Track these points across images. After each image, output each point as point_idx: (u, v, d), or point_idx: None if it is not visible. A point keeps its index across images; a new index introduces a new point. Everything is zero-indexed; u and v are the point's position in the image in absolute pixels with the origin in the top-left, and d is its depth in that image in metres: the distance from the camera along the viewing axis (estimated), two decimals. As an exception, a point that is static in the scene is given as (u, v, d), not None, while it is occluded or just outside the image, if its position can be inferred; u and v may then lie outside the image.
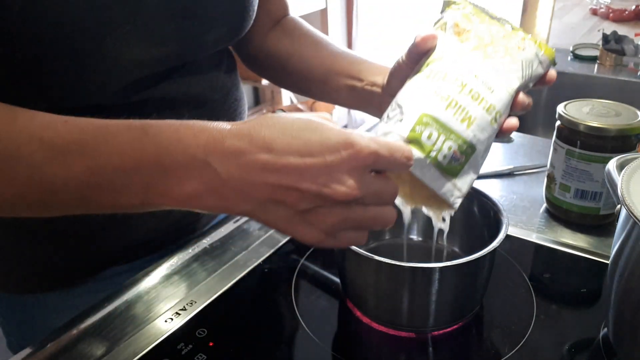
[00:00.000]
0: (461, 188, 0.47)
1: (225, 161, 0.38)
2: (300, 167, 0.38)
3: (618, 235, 0.47)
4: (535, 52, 0.52)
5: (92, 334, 0.53)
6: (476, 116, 0.47)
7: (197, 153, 0.38)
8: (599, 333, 0.52)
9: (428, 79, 0.49)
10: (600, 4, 1.74)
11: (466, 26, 0.52)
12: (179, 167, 0.39)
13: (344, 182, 0.39)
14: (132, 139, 0.40)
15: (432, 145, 0.45)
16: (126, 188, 0.40)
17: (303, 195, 0.39)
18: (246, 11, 0.61)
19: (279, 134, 0.38)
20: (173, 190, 0.39)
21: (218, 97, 0.64)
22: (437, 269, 0.49)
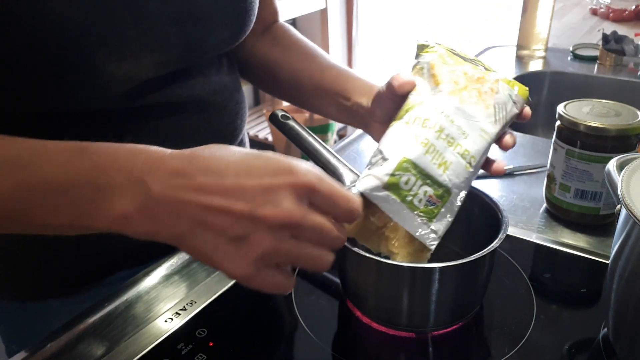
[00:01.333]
0: (437, 231, 0.49)
1: (161, 181, 0.37)
2: (236, 188, 0.37)
3: (618, 235, 0.47)
4: (509, 93, 0.54)
5: (92, 334, 0.53)
6: (452, 161, 0.50)
7: (133, 171, 0.38)
8: (599, 333, 0.52)
9: (408, 125, 0.51)
10: (600, 4, 1.74)
11: (441, 70, 0.54)
12: (112, 185, 0.38)
13: (279, 204, 0.37)
14: (67, 157, 0.39)
15: (409, 190, 0.48)
16: (55, 207, 0.39)
17: (235, 218, 0.37)
18: (247, 14, 0.61)
19: (218, 158, 0.38)
20: (103, 210, 0.38)
21: (221, 99, 0.64)
22: (437, 269, 0.49)
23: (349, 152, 0.91)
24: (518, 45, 1.33)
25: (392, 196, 0.48)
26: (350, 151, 0.91)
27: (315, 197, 0.39)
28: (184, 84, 0.59)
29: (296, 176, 0.38)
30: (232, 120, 0.67)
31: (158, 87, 0.56)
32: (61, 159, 0.39)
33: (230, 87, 0.67)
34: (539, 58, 1.31)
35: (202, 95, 0.62)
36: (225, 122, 0.66)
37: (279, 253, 0.38)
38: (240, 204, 0.37)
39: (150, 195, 0.37)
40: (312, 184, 0.38)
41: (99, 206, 0.38)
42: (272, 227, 0.37)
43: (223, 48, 0.62)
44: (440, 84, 0.53)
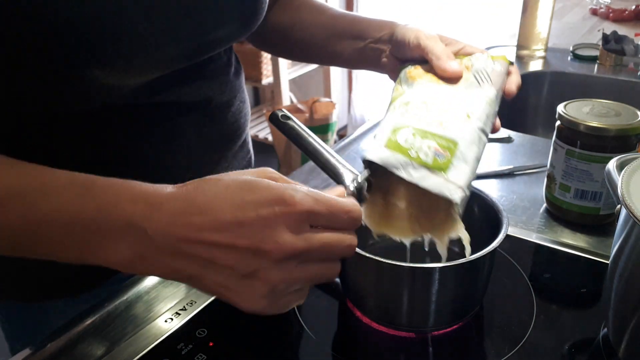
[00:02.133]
0: (456, 181, 0.47)
1: (161, 227, 0.38)
2: (235, 223, 0.38)
3: (618, 235, 0.47)
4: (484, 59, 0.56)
5: (92, 334, 0.53)
6: (447, 118, 0.50)
7: (134, 219, 0.38)
8: (599, 333, 0.52)
9: (394, 111, 0.52)
10: (600, 4, 1.74)
11: (417, 72, 0.57)
12: (114, 230, 0.39)
13: (281, 237, 0.38)
14: (72, 196, 0.40)
15: (411, 146, 0.47)
16: (61, 243, 0.40)
17: (242, 255, 0.38)
18: (258, 4, 0.60)
19: (213, 198, 0.39)
20: (107, 254, 0.39)
21: (226, 98, 0.65)
22: (437, 269, 0.49)
23: (349, 152, 0.91)
24: (518, 45, 1.33)
25: (397, 154, 0.47)
26: (350, 151, 0.91)
27: (316, 220, 0.40)
28: (192, 82, 0.60)
29: (291, 205, 0.38)
30: (236, 119, 0.68)
31: (167, 86, 0.57)
32: (67, 196, 0.40)
33: (236, 87, 0.68)
34: (539, 58, 1.31)
35: (209, 94, 0.62)
36: (230, 121, 0.66)
37: (289, 283, 0.40)
38: (242, 239, 0.38)
39: (152, 243, 0.38)
40: (309, 210, 0.39)
41: (102, 249, 0.39)
42: (278, 260, 0.38)
43: (234, 39, 0.62)
44: (416, 79, 0.56)
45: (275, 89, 2.59)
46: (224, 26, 0.57)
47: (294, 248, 0.38)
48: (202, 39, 0.56)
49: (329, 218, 0.40)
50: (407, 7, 2.75)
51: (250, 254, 0.38)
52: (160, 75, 0.54)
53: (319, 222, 0.40)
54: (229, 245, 0.38)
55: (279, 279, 0.39)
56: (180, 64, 0.56)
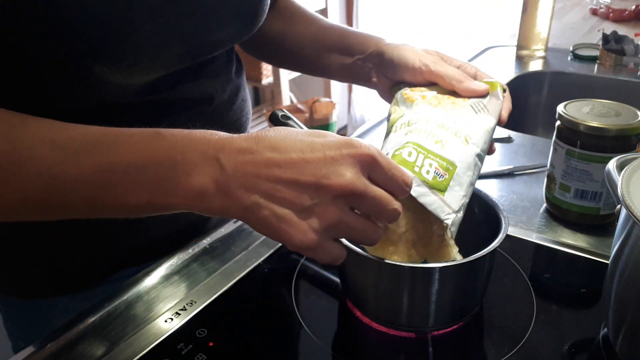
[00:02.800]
0: (451, 204, 0.48)
1: (233, 157, 0.40)
2: (301, 162, 0.40)
3: (618, 235, 0.47)
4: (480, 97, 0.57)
5: (92, 334, 0.53)
6: (447, 139, 0.51)
7: (208, 150, 0.40)
8: (599, 333, 0.52)
9: (396, 132, 0.53)
10: (600, 4, 1.74)
11: (413, 94, 0.58)
12: (189, 162, 0.40)
13: (343, 174, 0.40)
14: (145, 138, 0.41)
15: (414, 161, 0.48)
16: (135, 185, 0.41)
17: (302, 189, 0.39)
18: (260, 5, 0.61)
19: (283, 137, 0.41)
20: (181, 186, 0.40)
21: (228, 96, 0.66)
22: (436, 269, 0.49)
23: (349, 152, 0.91)
24: (518, 45, 1.33)
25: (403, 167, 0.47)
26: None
27: (376, 170, 0.41)
28: (195, 80, 0.60)
29: (358, 148, 0.40)
30: (238, 117, 0.68)
31: (171, 84, 0.57)
32: (139, 140, 0.41)
33: (237, 85, 0.68)
34: (539, 58, 1.31)
35: (212, 92, 0.63)
36: (232, 119, 0.67)
37: (341, 225, 0.41)
38: (306, 175, 0.39)
39: (224, 171, 0.40)
40: (373, 156, 0.41)
41: (178, 182, 0.40)
42: (337, 196, 0.40)
43: (236, 40, 0.63)
44: (415, 100, 0.56)
45: (275, 89, 2.59)
46: (226, 27, 0.58)
47: (353, 186, 0.40)
48: (206, 40, 0.56)
49: (387, 174, 0.42)
50: (407, 7, 2.75)
51: (312, 189, 0.39)
52: (165, 73, 0.55)
53: (377, 175, 0.42)
54: (292, 181, 0.39)
55: (334, 217, 0.40)
56: (184, 63, 0.56)
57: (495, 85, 0.58)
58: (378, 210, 0.42)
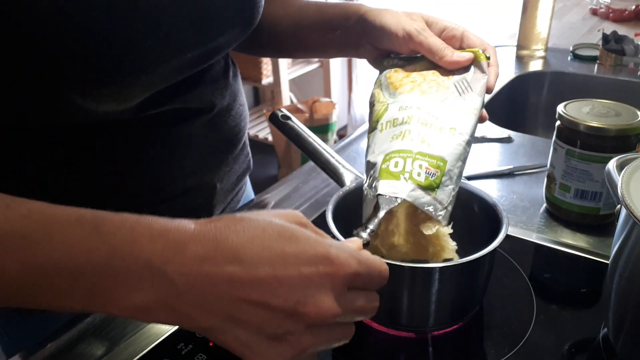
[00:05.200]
0: (442, 201, 0.49)
1: (185, 271, 0.33)
2: (272, 281, 0.34)
3: (618, 235, 0.47)
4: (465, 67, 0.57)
5: (92, 334, 0.53)
6: (433, 136, 0.51)
7: (153, 259, 0.33)
8: (599, 333, 0.52)
9: (382, 132, 0.53)
10: (600, 4, 1.74)
11: (397, 77, 0.58)
12: (130, 274, 0.34)
13: (322, 300, 0.34)
14: (81, 236, 0.34)
15: (402, 169, 0.49)
16: (67, 291, 0.34)
17: (273, 314, 0.34)
18: (256, 7, 0.61)
19: (248, 242, 0.34)
20: (120, 299, 0.34)
21: (227, 103, 0.65)
22: (437, 269, 0.49)
23: (349, 152, 0.91)
24: (518, 45, 1.33)
25: (391, 181, 0.49)
26: (350, 151, 0.91)
27: (356, 282, 0.37)
28: (194, 89, 0.60)
29: (337, 267, 0.35)
30: (237, 123, 0.68)
31: (171, 95, 0.57)
32: (75, 235, 0.34)
33: (235, 90, 0.68)
34: (539, 58, 1.31)
35: (211, 99, 0.62)
36: (231, 125, 0.66)
37: (315, 348, 0.36)
38: (278, 299, 0.34)
39: (174, 288, 0.33)
40: (354, 273, 0.36)
41: (115, 295, 0.34)
42: (313, 324, 0.35)
43: (234, 43, 0.62)
44: (398, 87, 0.56)
45: (275, 89, 2.59)
46: (225, 33, 0.57)
47: (333, 314, 0.35)
48: (204, 48, 0.56)
49: (367, 280, 0.37)
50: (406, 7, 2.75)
51: (283, 315, 0.34)
52: (164, 86, 0.54)
53: (358, 285, 0.37)
54: (261, 303, 0.34)
55: (309, 344, 0.35)
56: (183, 74, 0.56)
57: (479, 56, 0.57)
58: (358, 317, 0.38)
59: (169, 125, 0.58)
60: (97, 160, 0.56)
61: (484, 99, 0.56)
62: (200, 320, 0.34)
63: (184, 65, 0.54)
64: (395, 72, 0.59)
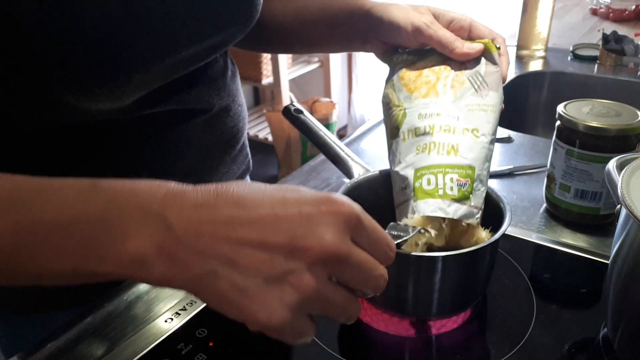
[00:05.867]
0: (477, 205, 0.51)
1: (184, 215, 0.32)
2: (272, 219, 0.32)
3: (618, 235, 0.47)
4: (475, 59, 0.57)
5: (92, 334, 0.53)
6: (457, 142, 0.52)
7: (152, 205, 0.33)
8: (599, 333, 0.52)
9: (405, 141, 0.54)
10: (600, 4, 1.74)
11: (410, 77, 0.58)
12: (127, 221, 0.32)
13: (323, 235, 0.32)
14: (77, 192, 0.34)
15: (435, 186, 0.50)
16: (59, 249, 0.33)
17: (272, 253, 0.32)
18: (254, 5, 0.60)
19: (249, 192, 0.34)
20: (115, 250, 0.32)
21: (225, 103, 0.65)
22: (440, 257, 0.48)
23: (349, 152, 0.91)
24: (518, 45, 1.33)
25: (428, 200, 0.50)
26: (351, 150, 0.91)
27: (359, 233, 0.34)
28: (191, 90, 0.59)
29: (340, 206, 0.34)
30: (235, 123, 0.68)
31: (168, 95, 0.56)
32: (69, 193, 0.34)
33: (234, 90, 0.68)
34: (539, 58, 1.31)
35: (209, 99, 0.62)
36: (229, 126, 0.66)
37: (319, 298, 0.33)
38: (277, 235, 0.32)
39: (172, 232, 0.32)
40: (358, 216, 0.34)
41: (111, 246, 0.32)
42: (315, 262, 0.32)
43: (232, 42, 0.61)
44: (413, 91, 0.56)
45: (275, 89, 2.59)
46: (222, 31, 0.57)
47: (336, 249, 0.33)
48: (200, 46, 0.55)
49: (371, 238, 0.35)
50: (407, 7, 2.75)
51: (283, 254, 0.32)
52: (160, 85, 0.54)
53: (361, 238, 0.35)
54: (259, 242, 0.32)
55: (310, 287, 0.32)
56: (178, 72, 0.55)
57: (490, 47, 0.57)
58: (363, 278, 0.35)
59: (166, 126, 0.58)
60: (93, 161, 0.56)
61: (502, 94, 0.56)
62: (195, 266, 0.32)
63: (179, 64, 0.53)
64: (407, 72, 0.58)
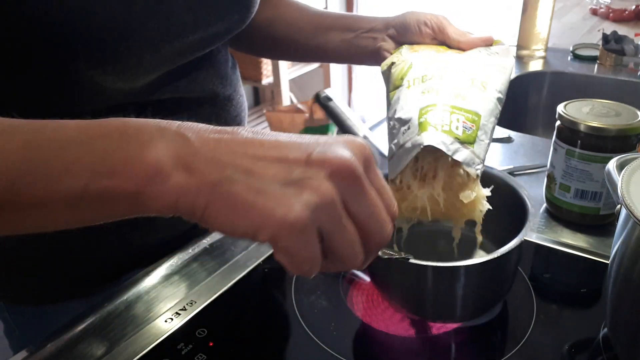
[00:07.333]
0: (479, 155, 0.49)
1: (203, 133, 0.33)
2: (290, 142, 0.33)
3: (618, 235, 0.47)
4: None
5: (92, 334, 0.53)
6: (465, 90, 0.51)
7: (170, 126, 0.33)
8: (599, 333, 0.52)
9: (410, 88, 0.53)
10: (600, 4, 1.74)
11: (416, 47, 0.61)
12: (145, 134, 0.32)
13: (341, 153, 0.32)
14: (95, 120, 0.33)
15: (442, 121, 0.48)
16: (71, 163, 0.31)
17: (290, 165, 0.32)
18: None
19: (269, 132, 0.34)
20: (131, 159, 0.31)
21: (228, 92, 0.67)
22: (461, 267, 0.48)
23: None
24: (518, 45, 1.33)
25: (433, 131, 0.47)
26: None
27: (371, 170, 0.34)
28: (197, 77, 0.61)
29: (354, 140, 0.34)
30: (238, 112, 0.69)
31: (174, 81, 0.58)
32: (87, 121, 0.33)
33: (235, 80, 0.69)
34: (539, 58, 1.31)
35: (213, 88, 0.63)
36: (233, 115, 0.68)
37: (334, 214, 0.32)
38: (295, 152, 0.32)
39: (188, 143, 0.32)
40: (369, 155, 0.34)
41: (128, 155, 0.31)
42: (333, 174, 0.32)
43: (234, 31, 0.63)
44: (418, 50, 0.58)
45: (275, 89, 2.59)
46: (223, 20, 0.59)
47: (355, 166, 0.32)
48: (204, 33, 0.57)
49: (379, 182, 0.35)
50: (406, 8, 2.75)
51: (301, 165, 0.32)
52: (166, 71, 0.56)
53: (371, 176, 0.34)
54: (278, 158, 0.32)
55: (330, 193, 0.31)
56: (185, 58, 0.57)
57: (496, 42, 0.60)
58: (373, 212, 0.34)
59: (171, 114, 0.59)
60: None
61: (512, 71, 0.57)
62: (211, 173, 0.31)
63: (186, 48, 0.56)
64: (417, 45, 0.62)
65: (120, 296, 0.58)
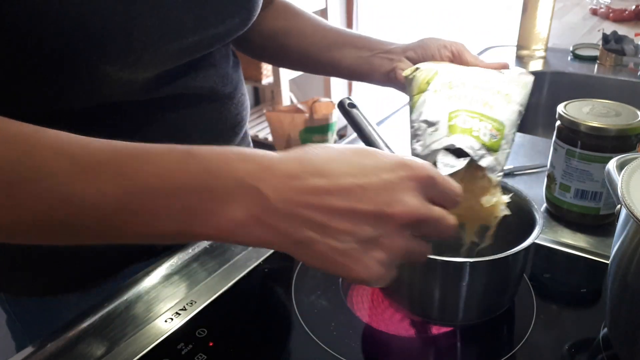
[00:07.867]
0: (501, 162, 0.50)
1: (277, 185, 0.36)
2: (356, 188, 0.36)
3: (618, 235, 0.47)
4: None
5: (92, 334, 0.53)
6: (492, 99, 0.53)
7: (246, 178, 0.36)
8: (599, 333, 0.52)
9: (437, 93, 0.55)
10: (600, 4, 1.74)
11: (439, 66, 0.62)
12: (226, 190, 0.36)
13: (406, 201, 0.36)
14: (176, 160, 0.37)
15: (471, 127, 0.50)
16: (165, 213, 0.36)
17: (361, 219, 0.36)
18: (252, 3, 0.62)
19: (329, 159, 0.37)
20: (216, 216, 0.36)
21: (229, 90, 0.67)
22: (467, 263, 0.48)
23: (349, 152, 0.91)
24: (518, 45, 1.33)
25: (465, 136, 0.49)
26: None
27: (432, 190, 0.38)
28: (196, 75, 0.61)
29: (415, 169, 0.37)
30: (239, 111, 0.69)
31: (173, 79, 0.58)
32: (169, 161, 0.37)
33: (236, 79, 0.69)
34: (539, 58, 1.31)
35: (214, 86, 0.64)
36: (234, 113, 0.68)
37: (407, 253, 0.38)
38: (364, 203, 0.36)
39: (267, 201, 0.36)
40: (431, 176, 0.38)
41: (213, 211, 0.36)
42: (401, 226, 0.37)
43: (234, 34, 0.63)
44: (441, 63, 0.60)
45: (275, 89, 2.59)
46: (224, 22, 0.59)
47: (419, 213, 0.37)
48: (205, 34, 0.57)
49: (442, 192, 0.39)
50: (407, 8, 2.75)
51: (372, 219, 0.36)
52: (167, 69, 0.56)
53: (435, 193, 0.39)
54: (348, 210, 0.36)
55: (401, 246, 0.37)
56: (185, 58, 0.57)
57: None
58: (439, 231, 0.39)
59: (171, 111, 0.60)
60: None
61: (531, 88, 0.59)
62: (293, 232, 0.36)
63: (185, 50, 0.56)
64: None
65: (120, 296, 0.58)
